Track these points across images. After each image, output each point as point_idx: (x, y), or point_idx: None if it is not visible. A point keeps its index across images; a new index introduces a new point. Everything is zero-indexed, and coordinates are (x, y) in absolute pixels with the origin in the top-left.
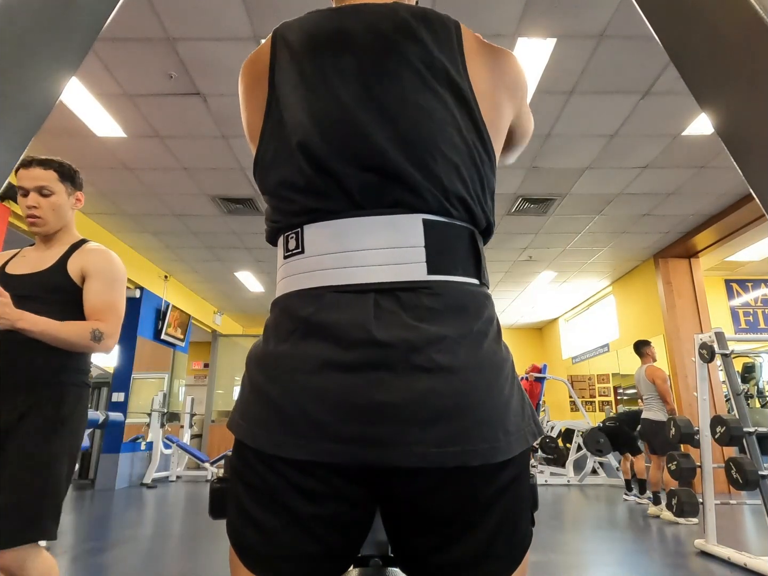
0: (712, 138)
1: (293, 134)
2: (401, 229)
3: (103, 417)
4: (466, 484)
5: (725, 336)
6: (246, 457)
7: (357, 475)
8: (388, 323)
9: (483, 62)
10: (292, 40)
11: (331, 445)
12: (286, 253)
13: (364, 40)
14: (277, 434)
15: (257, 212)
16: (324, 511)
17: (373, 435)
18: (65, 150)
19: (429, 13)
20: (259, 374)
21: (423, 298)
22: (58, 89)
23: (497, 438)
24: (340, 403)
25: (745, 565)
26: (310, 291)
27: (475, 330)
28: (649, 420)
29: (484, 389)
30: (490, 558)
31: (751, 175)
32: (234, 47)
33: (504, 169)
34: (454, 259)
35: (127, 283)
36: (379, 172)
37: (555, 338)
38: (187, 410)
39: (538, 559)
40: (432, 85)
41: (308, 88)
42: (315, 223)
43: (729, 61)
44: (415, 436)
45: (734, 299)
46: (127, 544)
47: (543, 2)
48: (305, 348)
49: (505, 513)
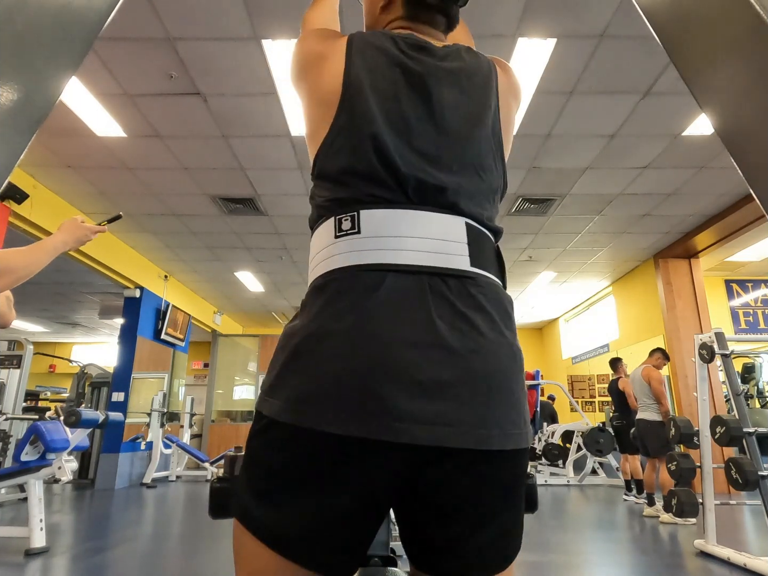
0: (712, 138)
1: (366, 127)
2: (448, 226)
3: (103, 417)
4: (504, 468)
5: (725, 336)
6: (279, 442)
7: (399, 456)
8: (440, 307)
9: (507, 96)
10: (365, 49)
11: (392, 423)
12: (339, 233)
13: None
14: (328, 411)
15: (257, 212)
16: (349, 494)
17: (427, 413)
18: (65, 150)
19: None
20: (310, 349)
21: (468, 286)
22: (58, 89)
23: (520, 425)
24: (398, 376)
25: (744, 566)
26: (369, 266)
27: (507, 322)
28: (644, 420)
29: (514, 378)
30: (509, 541)
31: (751, 175)
32: (234, 47)
33: None
34: (488, 260)
35: (126, 282)
36: (432, 176)
37: (555, 338)
38: (187, 410)
39: (538, 559)
40: (480, 119)
41: (382, 95)
42: (372, 209)
43: (729, 61)
44: (465, 416)
45: (734, 299)
46: (127, 544)
47: (543, 2)
48: (367, 320)
49: (517, 504)
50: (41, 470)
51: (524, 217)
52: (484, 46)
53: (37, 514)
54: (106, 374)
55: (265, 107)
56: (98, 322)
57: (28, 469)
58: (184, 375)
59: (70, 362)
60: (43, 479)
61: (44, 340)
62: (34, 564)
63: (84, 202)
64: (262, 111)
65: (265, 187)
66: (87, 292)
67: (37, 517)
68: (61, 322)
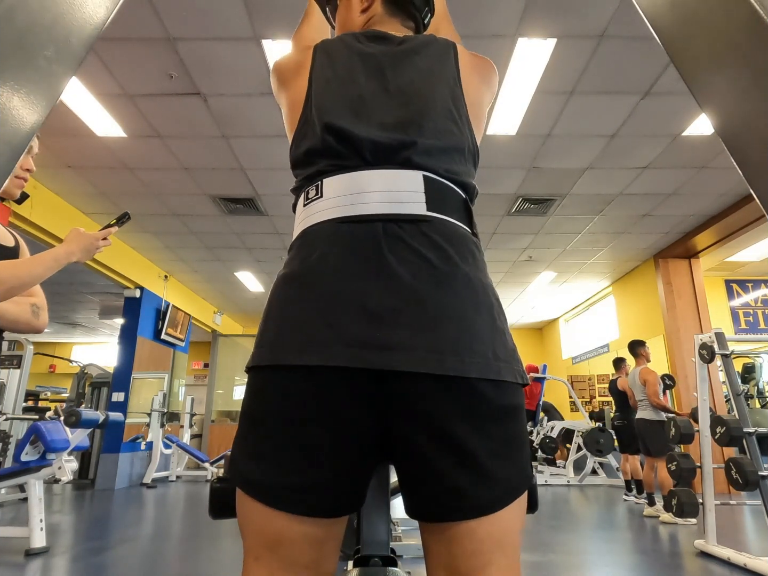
0: (712, 138)
1: (324, 113)
2: (403, 179)
3: (103, 417)
4: (466, 397)
5: (725, 336)
6: (258, 385)
7: (362, 382)
8: (393, 245)
9: (470, 72)
10: (329, 49)
11: (341, 349)
12: (306, 202)
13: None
14: (291, 344)
15: (257, 212)
16: (329, 431)
17: (380, 339)
18: (65, 150)
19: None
20: (284, 291)
21: (423, 228)
22: (58, 89)
23: (487, 356)
24: (352, 306)
25: (744, 566)
26: (329, 221)
27: (467, 257)
28: (644, 420)
29: (473, 307)
30: (488, 481)
31: (751, 175)
32: (234, 47)
33: (504, 169)
34: (449, 207)
35: (126, 282)
36: (387, 138)
37: (555, 338)
38: (187, 410)
39: (538, 559)
40: (435, 86)
41: (342, 81)
42: (332, 176)
43: (729, 61)
44: (419, 342)
45: (734, 299)
46: (127, 544)
47: (543, 2)
48: (323, 262)
49: (503, 441)
50: (41, 470)
51: (524, 217)
52: (484, 46)
53: (37, 514)
54: (106, 374)
55: (265, 107)
56: (98, 322)
57: (28, 469)
58: (184, 375)
59: (70, 362)
60: (43, 479)
61: (44, 340)
62: (34, 564)
63: (84, 202)
64: (262, 111)
65: (265, 187)
66: (87, 292)
67: (37, 517)
68: (61, 322)
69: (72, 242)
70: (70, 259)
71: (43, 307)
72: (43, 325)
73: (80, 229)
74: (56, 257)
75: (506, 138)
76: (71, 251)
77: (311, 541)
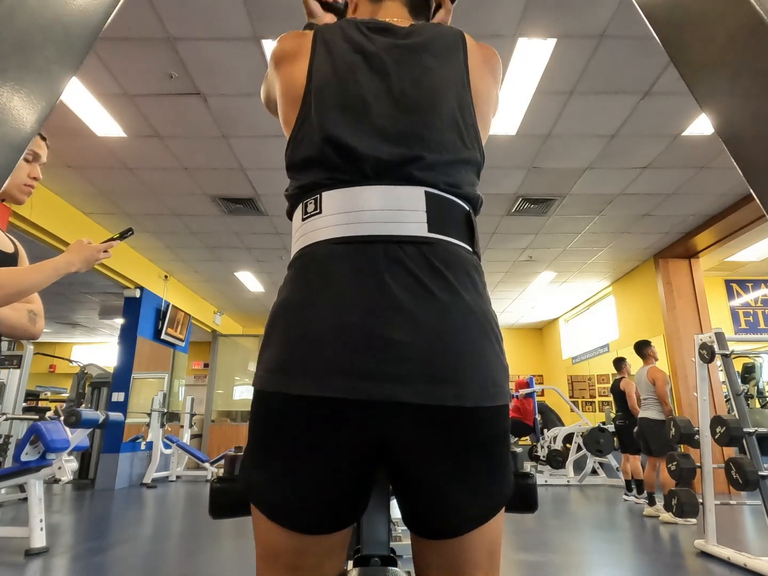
0: (712, 138)
1: (322, 117)
2: (405, 196)
3: (103, 417)
4: (465, 425)
5: (725, 336)
6: (262, 410)
7: (363, 413)
8: (394, 271)
9: (481, 68)
10: (329, 39)
11: (340, 381)
12: (305, 216)
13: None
14: (294, 373)
15: (257, 212)
16: (328, 458)
17: (380, 371)
18: (65, 150)
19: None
20: (283, 320)
21: (425, 251)
22: (58, 89)
23: (486, 385)
24: (352, 336)
25: (744, 566)
26: (328, 241)
27: (467, 284)
28: (647, 419)
29: (471, 337)
30: (485, 497)
31: (751, 175)
32: (234, 47)
33: (504, 169)
34: (451, 225)
35: (126, 282)
36: (388, 152)
37: (555, 338)
38: (187, 410)
39: (538, 559)
40: (443, 91)
41: (342, 81)
42: (332, 190)
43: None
44: (418, 372)
45: (734, 299)
46: (127, 544)
47: (543, 2)
48: (324, 290)
49: (499, 460)
50: (41, 470)
51: (524, 217)
52: None
53: (37, 514)
54: (106, 374)
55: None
56: (98, 322)
57: (28, 469)
58: (184, 375)
59: (70, 362)
60: (43, 479)
61: (44, 340)
62: (34, 564)
63: (84, 202)
64: (262, 111)
65: (265, 187)
66: (87, 292)
67: (37, 517)
68: (61, 322)
69: (74, 253)
70: (69, 270)
71: (40, 314)
72: (39, 331)
73: (84, 241)
74: (56, 266)
75: (506, 138)
76: (71, 261)
77: (313, 552)
